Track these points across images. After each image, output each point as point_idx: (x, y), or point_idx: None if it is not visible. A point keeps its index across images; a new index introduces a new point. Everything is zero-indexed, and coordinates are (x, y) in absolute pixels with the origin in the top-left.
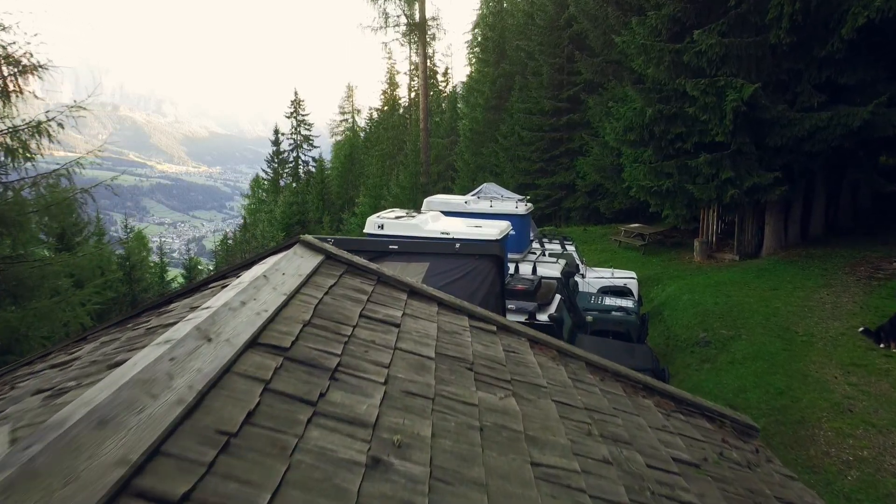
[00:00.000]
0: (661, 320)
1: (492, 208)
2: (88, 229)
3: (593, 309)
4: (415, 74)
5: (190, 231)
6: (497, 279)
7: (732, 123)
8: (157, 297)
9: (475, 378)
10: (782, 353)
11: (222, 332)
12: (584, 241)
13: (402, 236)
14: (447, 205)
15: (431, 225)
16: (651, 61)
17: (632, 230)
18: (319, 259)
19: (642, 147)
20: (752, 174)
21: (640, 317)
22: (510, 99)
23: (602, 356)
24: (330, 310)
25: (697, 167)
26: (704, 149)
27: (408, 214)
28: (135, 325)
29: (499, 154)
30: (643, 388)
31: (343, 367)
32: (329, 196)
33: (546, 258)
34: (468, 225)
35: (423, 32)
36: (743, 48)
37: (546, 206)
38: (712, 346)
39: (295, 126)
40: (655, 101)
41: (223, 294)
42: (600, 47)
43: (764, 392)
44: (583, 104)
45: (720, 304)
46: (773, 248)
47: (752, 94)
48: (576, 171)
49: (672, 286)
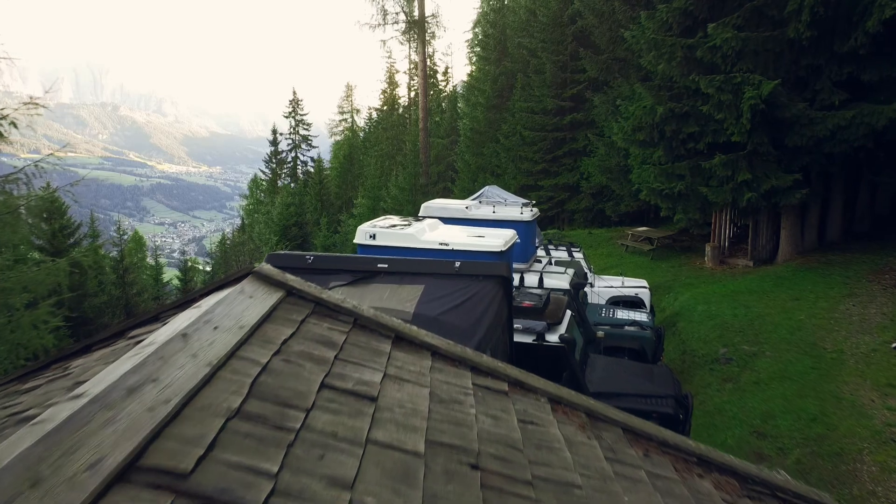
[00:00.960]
0: (674, 333)
1: (494, 214)
2: (81, 231)
3: (604, 323)
4: (414, 73)
5: (190, 231)
6: (504, 304)
7: (750, 122)
8: (52, 354)
9: (482, 483)
10: (811, 373)
11: (73, 459)
12: (590, 244)
13: (396, 248)
14: (446, 210)
15: (428, 235)
16: (662, 57)
17: (639, 234)
18: (277, 297)
19: (652, 147)
20: (770, 176)
21: (655, 331)
22: (512, 98)
23: (618, 380)
24: (276, 383)
25: (711, 169)
26: (718, 149)
27: (403, 223)
28: None
29: (500, 154)
30: (698, 463)
31: (278, 500)
32: (328, 197)
33: (553, 267)
34: (469, 234)
35: (422, 30)
36: (760, 43)
37: (549, 208)
38: (734, 364)
39: (293, 126)
40: (666, 98)
41: (106, 374)
42: (606, 44)
43: (795, 418)
44: (587, 103)
45: (739, 315)
46: (789, 254)
47: (771, 92)
48: (580, 172)
49: (685, 295)
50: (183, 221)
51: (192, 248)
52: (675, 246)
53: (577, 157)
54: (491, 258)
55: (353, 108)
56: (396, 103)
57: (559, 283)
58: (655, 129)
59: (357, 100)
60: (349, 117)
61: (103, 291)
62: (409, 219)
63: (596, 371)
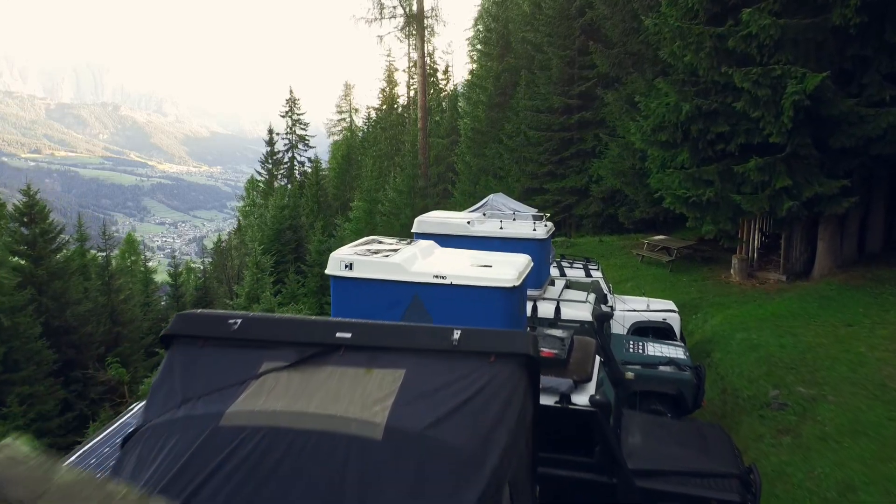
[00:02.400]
0: (710, 366)
1: (502, 231)
2: (63, 236)
3: (633, 361)
4: (413, 72)
5: (191, 231)
6: (528, 401)
7: (791, 121)
8: None
9: None
10: (889, 426)
11: None
12: (601, 254)
13: (380, 281)
14: (444, 226)
15: (421, 263)
16: (689, 47)
17: (656, 243)
18: None
19: (675, 149)
20: (812, 182)
21: (695, 370)
22: (515, 96)
23: (664, 450)
24: None
25: (745, 173)
26: (752, 151)
27: (389, 247)
28: None
29: (503, 155)
30: None
31: None
32: (325, 198)
33: (570, 291)
34: (473, 262)
35: (420, 25)
36: (800, 31)
37: (555, 213)
38: (790, 410)
39: (290, 126)
40: (692, 94)
41: None
42: (618, 36)
43: (883, 492)
44: (596, 101)
45: (787, 346)
46: (827, 268)
47: (817, 86)
48: (588, 175)
49: (716, 317)
50: (183, 221)
51: (193, 247)
52: (696, 256)
53: (586, 158)
54: (500, 297)
55: (352, 107)
56: (395, 102)
57: (580, 313)
58: (679, 129)
59: (357, 99)
60: (348, 117)
61: (88, 298)
62: (398, 242)
63: (634, 436)
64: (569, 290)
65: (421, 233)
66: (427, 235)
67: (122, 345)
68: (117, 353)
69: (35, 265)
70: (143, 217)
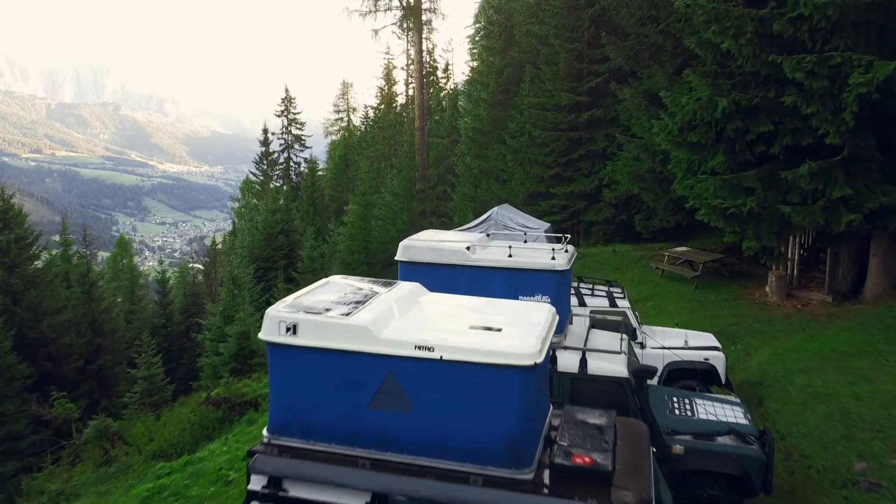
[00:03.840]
0: (762, 416)
1: (512, 260)
2: (41, 242)
3: (681, 429)
4: (413, 69)
5: (192, 231)
6: None
7: (854, 118)
8: None
9: None
10: None
11: None
12: (615, 266)
13: (336, 352)
14: (438, 253)
15: (396, 326)
16: (726, 32)
17: (678, 255)
18: None
19: (707, 151)
20: (874, 191)
21: (761, 440)
22: (519, 92)
23: None
24: None
25: (794, 180)
26: (800, 154)
27: (355, 295)
28: None
29: (506, 157)
30: None
31: None
32: (322, 200)
33: (598, 335)
34: (472, 320)
35: (418, 18)
36: (860, 12)
37: (563, 220)
38: (885, 493)
39: (285, 125)
40: (728, 88)
41: None
42: (633, 26)
43: None
44: (607, 97)
45: (863, 397)
46: (880, 287)
47: (888, 77)
48: (599, 178)
49: (762, 351)
50: (184, 221)
51: (194, 247)
52: (723, 271)
53: (596, 160)
54: (515, 380)
55: (349, 106)
56: (394, 101)
57: (613, 367)
58: (713, 128)
59: (357, 98)
60: (345, 116)
61: (67, 307)
62: (369, 285)
63: None
64: (596, 333)
65: (407, 261)
66: (415, 266)
67: (103, 357)
68: (98, 365)
69: (9, 273)
70: (144, 217)
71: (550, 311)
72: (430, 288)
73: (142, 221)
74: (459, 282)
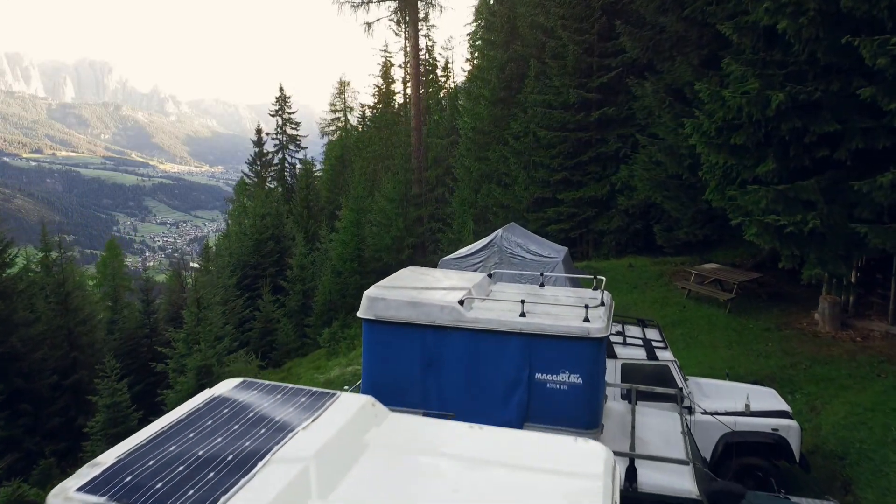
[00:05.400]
0: None
1: (525, 321)
2: (14, 249)
3: None
4: (410, 68)
5: (192, 231)
6: None
7: None
8: None
9: None
10: None
11: None
12: (634, 285)
13: None
14: (418, 309)
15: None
16: (782, 10)
17: (707, 273)
18: None
19: (751, 156)
20: None
21: None
22: (523, 89)
23: None
24: None
25: (869, 192)
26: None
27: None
28: None
29: (509, 159)
30: None
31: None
32: (317, 203)
33: (646, 420)
34: (472, 483)
35: (413, 10)
36: None
37: (571, 228)
38: None
39: (280, 125)
40: (780, 79)
41: None
42: (652, 13)
43: None
44: (621, 94)
45: None
46: None
47: None
48: (611, 183)
49: (836, 408)
50: (185, 221)
51: (195, 248)
52: (760, 292)
53: (608, 163)
54: None
55: (346, 105)
56: (391, 100)
57: (675, 481)
58: (761, 129)
59: (355, 97)
60: (342, 116)
61: (40, 320)
62: (327, 399)
63: None
64: (642, 416)
65: (374, 320)
66: (386, 327)
67: (80, 371)
68: (73, 380)
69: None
70: (145, 217)
71: (607, 458)
72: (409, 363)
73: (142, 221)
74: (450, 352)
